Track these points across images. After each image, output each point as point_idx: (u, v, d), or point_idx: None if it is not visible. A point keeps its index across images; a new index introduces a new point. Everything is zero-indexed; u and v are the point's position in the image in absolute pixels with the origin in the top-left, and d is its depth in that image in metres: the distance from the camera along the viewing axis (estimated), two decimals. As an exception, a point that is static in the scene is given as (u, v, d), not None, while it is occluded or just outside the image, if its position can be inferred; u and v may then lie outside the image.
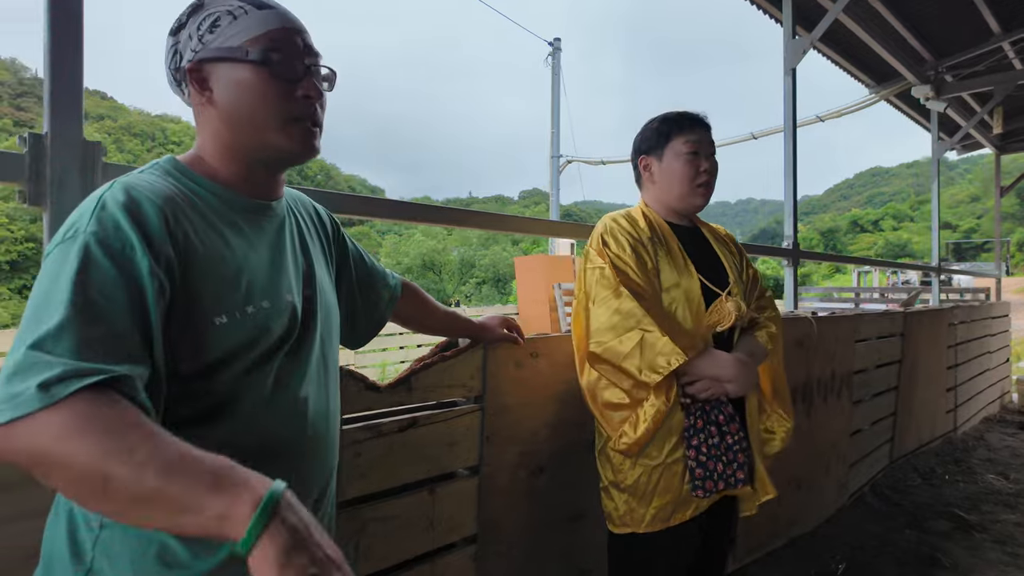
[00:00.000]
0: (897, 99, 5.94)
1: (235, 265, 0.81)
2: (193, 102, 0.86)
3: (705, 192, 1.63)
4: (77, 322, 0.64)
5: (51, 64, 1.04)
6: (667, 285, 1.56)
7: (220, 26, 0.82)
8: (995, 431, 5.50)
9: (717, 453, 1.49)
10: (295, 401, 0.87)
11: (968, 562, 2.88)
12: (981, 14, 4.66)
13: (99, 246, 0.68)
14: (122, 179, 0.76)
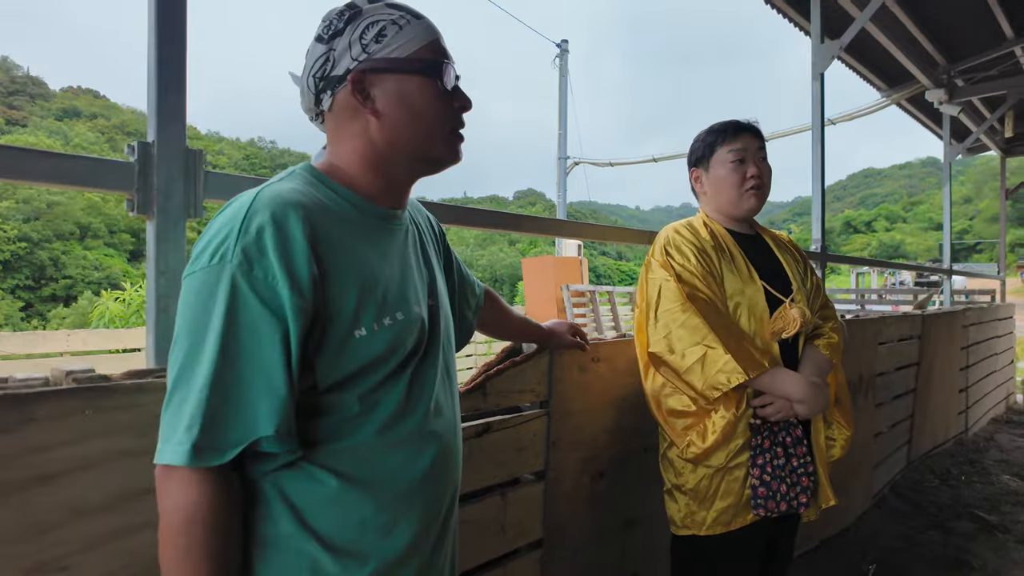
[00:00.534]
0: (908, 103, 5.99)
1: (372, 277, 0.81)
2: (340, 111, 0.85)
3: (756, 194, 1.62)
4: (227, 377, 0.69)
5: (157, 70, 1.04)
6: (731, 293, 1.57)
7: (387, 36, 0.82)
8: (1004, 432, 5.55)
9: (782, 474, 1.50)
10: (427, 412, 0.87)
11: (996, 563, 2.91)
12: (996, 18, 4.70)
13: (246, 279, 0.70)
14: (266, 193, 0.76)
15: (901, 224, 69.97)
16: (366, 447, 0.80)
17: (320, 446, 0.77)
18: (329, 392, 0.78)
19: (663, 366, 1.54)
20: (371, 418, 0.80)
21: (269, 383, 0.70)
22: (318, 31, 0.85)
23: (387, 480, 0.81)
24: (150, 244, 1.04)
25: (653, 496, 1.70)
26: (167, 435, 0.69)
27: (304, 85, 0.86)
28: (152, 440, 0.91)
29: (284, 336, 0.71)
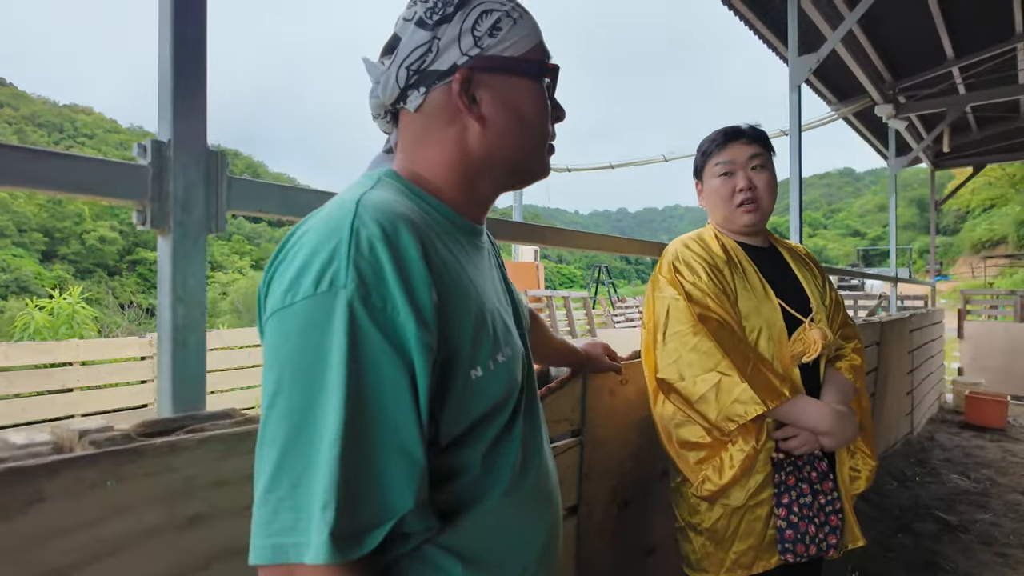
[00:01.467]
0: (854, 117, 6.27)
1: (479, 304, 0.67)
2: (432, 111, 0.70)
3: (750, 208, 1.50)
4: (358, 437, 0.52)
5: (173, 51, 0.85)
6: (746, 313, 1.45)
7: (502, 29, 0.68)
8: (942, 431, 5.87)
9: (809, 514, 1.39)
10: (540, 468, 0.74)
11: (967, 565, 3.01)
12: (940, 39, 4.97)
13: (364, 308, 0.54)
14: (366, 201, 0.61)
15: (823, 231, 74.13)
16: (491, 517, 0.65)
17: (442, 522, 0.62)
18: (450, 450, 0.63)
19: (673, 393, 1.42)
20: (495, 479, 0.66)
21: (401, 442, 0.55)
22: (419, 13, 0.69)
23: (515, 554, 0.67)
24: (164, 264, 0.85)
25: (669, 522, 1.60)
26: (291, 522, 0.51)
27: (391, 76, 0.70)
28: (184, 512, 0.74)
29: (411, 380, 0.56)
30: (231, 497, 0.78)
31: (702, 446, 1.40)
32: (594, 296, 15.36)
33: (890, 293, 5.88)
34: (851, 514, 1.49)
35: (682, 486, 1.48)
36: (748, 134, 1.52)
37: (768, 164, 1.53)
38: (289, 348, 0.55)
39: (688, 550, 1.47)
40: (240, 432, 0.80)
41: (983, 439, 5.53)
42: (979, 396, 6.05)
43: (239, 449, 0.79)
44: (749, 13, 4.25)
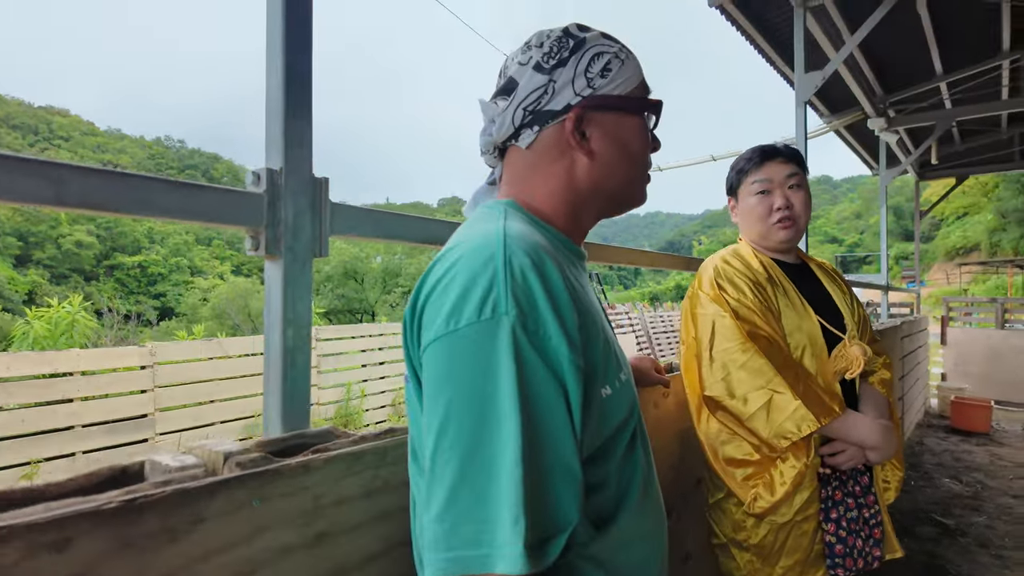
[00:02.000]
0: (845, 129, 6.44)
1: (602, 326, 0.72)
2: (544, 147, 0.75)
3: (787, 225, 1.53)
4: (535, 453, 0.56)
5: (285, 85, 0.88)
6: (790, 330, 1.47)
7: (612, 70, 0.73)
8: (930, 436, 6.02)
9: (856, 528, 1.42)
10: (657, 487, 0.78)
11: (970, 568, 3.11)
12: (930, 55, 5.14)
13: (525, 334, 0.57)
14: (512, 232, 0.65)
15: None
16: (625, 529, 0.69)
17: (586, 535, 0.66)
18: (589, 464, 0.66)
19: (721, 411, 1.42)
20: (626, 493, 0.70)
21: (566, 459, 0.58)
22: (535, 58, 0.74)
23: (643, 566, 0.71)
24: (275, 289, 0.88)
25: (702, 530, 1.64)
26: (474, 535, 0.53)
27: (508, 116, 0.75)
28: (313, 530, 0.77)
29: (566, 400, 0.59)
30: (348, 514, 0.81)
31: (750, 463, 1.40)
32: (584, 302, 15.41)
33: (881, 301, 6.03)
34: (889, 526, 1.52)
35: (724, 502, 1.49)
36: (784, 153, 1.56)
37: (804, 183, 1.57)
38: (458, 371, 0.58)
39: (732, 567, 1.48)
40: (356, 451, 0.83)
41: (970, 443, 5.69)
42: (964, 401, 6.22)
43: (355, 468, 0.82)
44: (752, 30, 4.36)
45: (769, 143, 1.63)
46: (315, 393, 6.30)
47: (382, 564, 0.84)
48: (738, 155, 1.68)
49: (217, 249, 51.86)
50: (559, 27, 0.77)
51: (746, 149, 1.65)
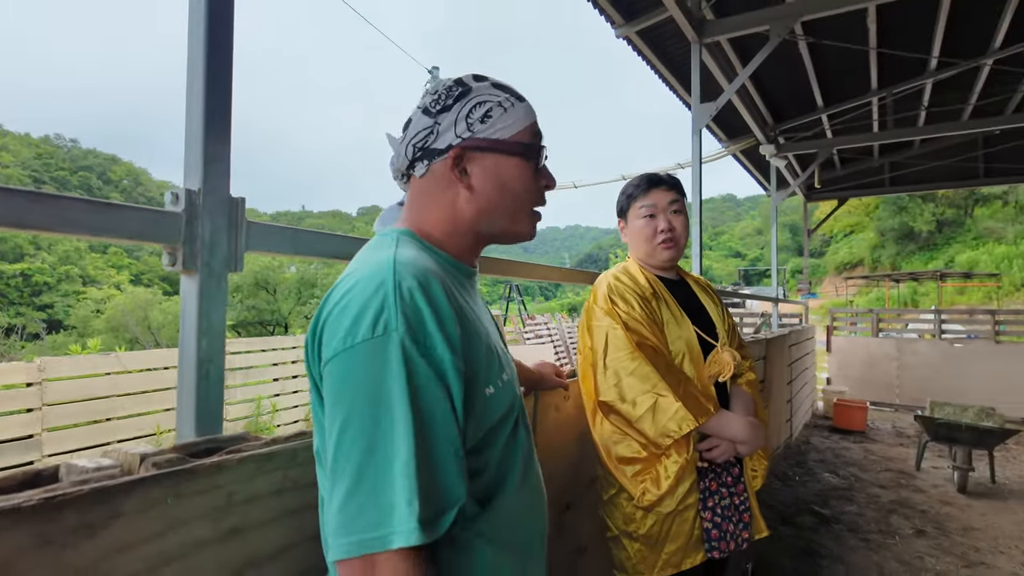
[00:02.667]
0: (741, 154, 6.99)
1: (485, 335, 0.84)
2: (433, 179, 0.86)
3: (669, 246, 1.72)
4: (425, 445, 0.67)
5: (204, 110, 0.95)
6: (672, 339, 1.64)
7: (492, 117, 0.85)
8: (815, 435, 6.59)
9: (728, 514, 1.60)
10: (537, 466, 0.90)
11: (838, 551, 3.47)
12: (812, 91, 5.71)
13: (414, 345, 0.69)
14: (401, 259, 0.76)
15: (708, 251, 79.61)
16: (507, 507, 0.81)
17: (472, 511, 0.77)
18: (473, 453, 0.78)
19: (613, 414, 1.57)
20: (507, 476, 0.82)
21: (452, 446, 0.70)
22: (425, 103, 0.86)
23: (524, 538, 0.83)
24: (190, 302, 0.94)
25: (596, 525, 1.77)
26: (374, 520, 0.63)
27: (402, 151, 0.87)
28: (226, 526, 0.83)
29: (451, 398, 0.71)
30: (260, 511, 0.88)
31: (638, 460, 1.56)
32: (505, 313, 15.66)
33: (772, 312, 6.57)
34: (756, 509, 1.72)
35: (616, 498, 1.62)
36: (667, 181, 1.75)
37: (683, 209, 1.77)
38: (354, 382, 0.68)
39: (623, 556, 1.61)
40: (268, 452, 0.90)
41: (848, 441, 6.29)
42: (844, 403, 6.86)
43: (267, 467, 0.89)
44: (656, 61, 4.70)
45: (655, 172, 1.81)
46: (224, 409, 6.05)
47: (293, 556, 0.91)
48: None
49: (114, 257, 48.21)
50: (455, 76, 0.89)
51: (634, 176, 1.83)
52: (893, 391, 8.13)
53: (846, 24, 4.95)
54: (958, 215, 36.95)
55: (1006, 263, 29.98)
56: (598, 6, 4.00)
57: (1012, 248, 31.21)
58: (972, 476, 4.76)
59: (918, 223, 36.76)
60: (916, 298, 29.99)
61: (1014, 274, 28.87)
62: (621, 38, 4.25)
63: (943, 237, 36.87)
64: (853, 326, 9.11)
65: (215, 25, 0.98)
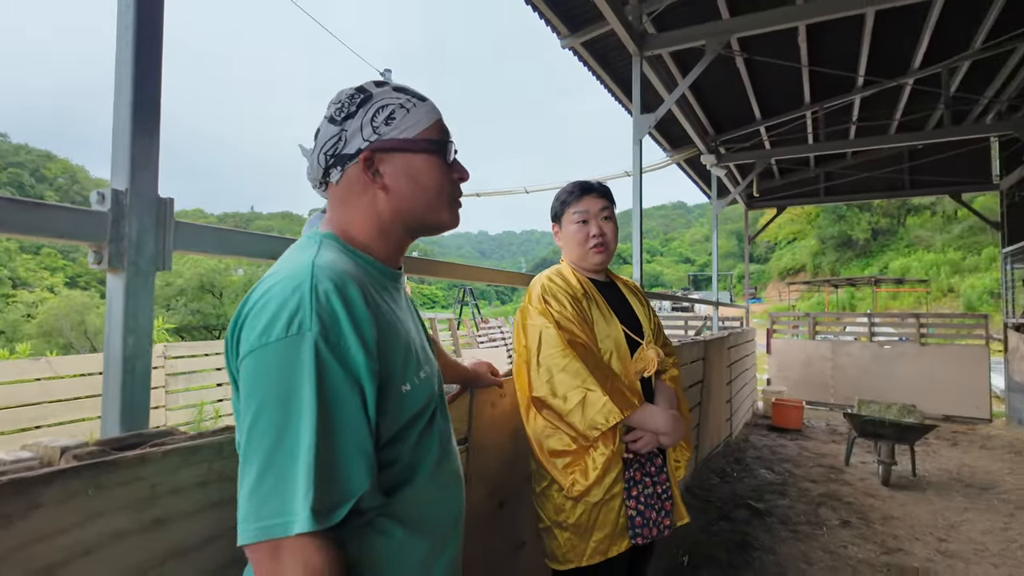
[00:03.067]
0: (685, 163, 7.24)
1: (405, 334, 0.89)
2: (350, 184, 0.91)
3: (600, 251, 1.81)
4: (328, 440, 0.71)
5: (132, 112, 0.97)
6: (601, 337, 1.74)
7: (396, 118, 0.90)
8: (754, 433, 6.86)
9: (651, 502, 1.69)
10: (452, 455, 0.96)
11: (770, 542, 3.65)
12: (750, 104, 5.97)
13: (326, 346, 0.73)
14: (320, 263, 0.80)
15: (659, 257, 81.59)
16: (421, 492, 0.86)
17: (386, 498, 0.82)
18: (388, 446, 0.83)
19: (546, 409, 1.64)
20: (421, 465, 0.87)
21: (359, 442, 0.74)
22: (330, 113, 0.91)
23: (437, 520, 0.89)
24: (116, 300, 0.96)
25: (535, 520, 1.82)
26: (276, 508, 0.68)
27: (314, 160, 0.92)
28: (149, 516, 0.86)
29: (362, 397, 0.76)
30: (185, 502, 0.90)
31: (568, 453, 1.63)
32: (459, 317, 15.66)
33: (713, 315, 6.81)
34: (678, 497, 1.82)
35: (548, 490, 1.70)
36: (598, 190, 1.85)
37: (613, 215, 1.87)
38: (266, 378, 0.72)
39: (554, 546, 1.69)
40: (193, 446, 0.93)
41: (785, 439, 6.57)
42: (782, 403, 7.16)
43: (192, 460, 0.92)
44: (601, 71, 4.84)
45: (587, 180, 1.90)
46: (163, 415, 5.87)
47: (217, 546, 0.94)
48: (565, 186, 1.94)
49: (47, 259, 45.83)
50: (355, 85, 0.93)
51: (567, 183, 1.92)
52: (828, 391, 8.53)
53: (780, 42, 5.22)
54: (892, 224, 38.98)
55: (934, 270, 31.81)
56: (544, 17, 4.11)
57: (940, 256, 33.14)
58: (895, 470, 5.06)
59: (855, 231, 38.60)
60: (853, 302, 31.47)
61: (941, 280, 30.66)
62: (567, 48, 4.37)
63: (878, 245, 38.82)
64: (795, 329, 9.50)
65: (144, 21, 1.00)
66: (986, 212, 9.15)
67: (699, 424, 4.92)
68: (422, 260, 1.87)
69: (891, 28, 5.17)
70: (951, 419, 7.56)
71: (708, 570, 3.25)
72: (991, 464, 5.56)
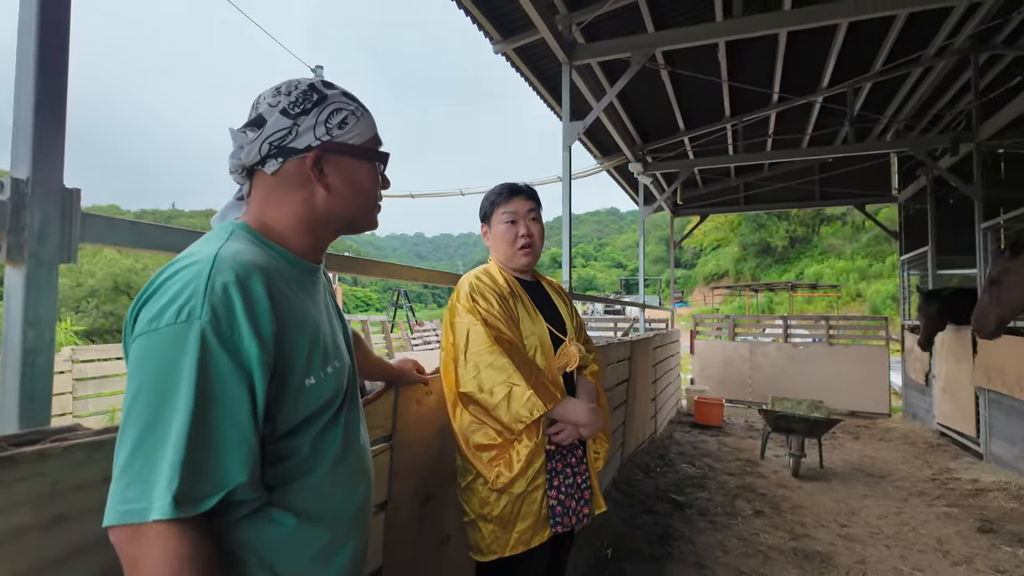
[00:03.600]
0: (614, 171, 7.47)
1: (316, 329, 0.91)
2: (285, 177, 0.92)
3: (528, 251, 1.88)
4: (202, 428, 0.72)
5: (35, 99, 0.94)
6: (526, 334, 1.80)
7: (348, 124, 0.93)
8: (678, 430, 7.15)
9: (572, 492, 1.76)
10: (359, 450, 0.98)
11: (689, 532, 3.82)
12: (675, 115, 6.24)
13: (215, 335, 0.75)
14: (225, 254, 0.82)
15: (593, 262, 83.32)
16: (319, 485, 0.88)
17: (280, 488, 0.84)
18: (285, 437, 0.85)
19: (472, 404, 1.68)
20: (322, 458, 0.89)
21: (240, 433, 0.75)
22: (283, 104, 0.91)
23: (336, 512, 0.91)
24: (16, 292, 0.92)
25: (460, 515, 1.85)
26: (140, 492, 0.68)
27: (256, 146, 0.91)
28: (50, 513, 0.84)
29: (251, 389, 0.77)
30: (89, 499, 0.88)
31: (494, 446, 1.68)
32: (392, 320, 15.46)
33: (640, 317, 7.06)
34: (597, 487, 1.91)
35: (473, 483, 1.74)
36: (526, 191, 1.92)
37: (539, 217, 1.94)
38: (150, 362, 0.73)
39: (478, 538, 1.72)
40: (97, 441, 0.90)
41: (706, 435, 6.88)
42: (704, 401, 7.50)
43: (96, 456, 0.90)
44: (533, 78, 4.95)
45: (515, 182, 1.96)
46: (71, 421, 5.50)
47: (124, 543, 0.92)
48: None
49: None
50: (307, 80, 0.95)
51: (495, 185, 1.97)
52: (747, 389, 8.99)
53: (702, 57, 5.50)
54: (807, 233, 41.45)
55: (844, 276, 34.08)
56: (476, 21, 4.17)
57: (849, 263, 35.53)
58: (804, 462, 5.40)
59: (774, 239, 40.80)
60: (772, 306, 33.26)
61: (851, 286, 32.88)
62: (499, 54, 4.44)
63: (795, 252, 41.17)
64: (718, 331, 9.95)
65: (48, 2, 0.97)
66: (888, 223, 9.91)
67: (625, 422, 5.08)
68: (356, 259, 1.88)
69: (802, 48, 5.54)
70: (855, 414, 8.13)
71: (631, 562, 3.37)
72: (888, 455, 6.03)
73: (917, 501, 4.54)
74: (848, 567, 3.37)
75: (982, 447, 5.59)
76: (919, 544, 3.70)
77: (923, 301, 6.18)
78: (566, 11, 4.23)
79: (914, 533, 3.88)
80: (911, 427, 7.41)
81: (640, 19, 4.73)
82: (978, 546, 3.65)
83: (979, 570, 3.33)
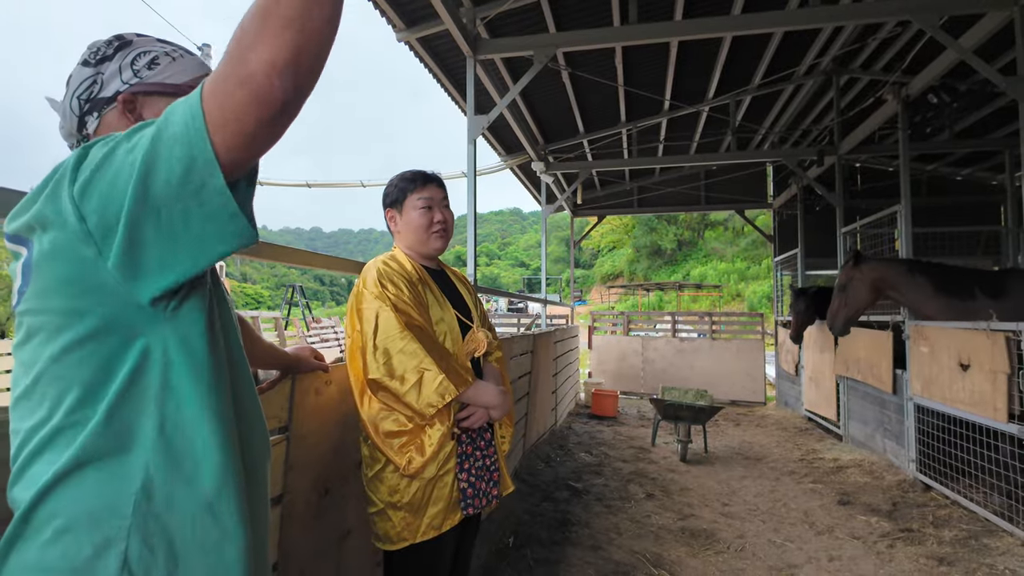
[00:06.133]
0: (518, 169, 7.59)
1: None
2: (109, 131, 0.85)
3: (442, 236, 1.90)
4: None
5: None
6: (436, 320, 1.80)
7: (160, 64, 0.88)
8: (577, 422, 7.39)
9: (481, 474, 1.78)
10: None
11: (586, 517, 3.97)
12: (575, 117, 6.44)
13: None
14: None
15: (497, 260, 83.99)
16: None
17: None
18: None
19: (382, 391, 1.66)
20: None
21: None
22: (84, 57, 0.87)
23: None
24: None
25: (363, 507, 1.82)
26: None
27: (67, 108, 0.86)
28: None
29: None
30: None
31: (404, 433, 1.66)
32: (287, 317, 14.74)
33: (542, 313, 7.22)
34: (504, 470, 1.93)
35: (382, 472, 1.69)
36: (437, 180, 1.93)
37: (449, 205, 1.96)
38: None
39: (388, 527, 1.68)
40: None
41: (603, 425, 7.16)
42: (600, 393, 7.80)
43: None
44: (437, 70, 4.91)
45: (423, 169, 1.95)
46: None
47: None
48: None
49: None
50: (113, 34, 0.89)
51: (403, 171, 1.95)
52: (639, 381, 9.45)
53: (601, 60, 5.72)
54: (693, 236, 44.21)
55: (726, 277, 36.73)
56: (379, 8, 4.07)
57: (730, 265, 38.30)
58: (691, 447, 5.76)
59: (664, 242, 43.16)
60: (662, 304, 35.19)
61: (732, 286, 35.48)
62: (402, 42, 4.37)
63: (682, 254, 43.78)
64: (613, 327, 10.37)
65: None
66: (764, 228, 10.79)
67: (527, 413, 5.18)
68: (268, 245, 1.77)
69: (691, 59, 5.92)
70: (736, 403, 8.79)
71: (532, 548, 3.44)
72: (764, 439, 6.58)
73: (788, 480, 4.98)
74: (730, 542, 3.64)
75: (842, 429, 6.24)
76: (790, 518, 4.07)
77: (794, 299, 6.81)
78: (471, 4, 4.24)
79: (785, 508, 4.26)
80: (783, 414, 8.12)
81: (542, 19, 4.83)
82: (838, 516, 4.08)
83: (839, 537, 3.71)
